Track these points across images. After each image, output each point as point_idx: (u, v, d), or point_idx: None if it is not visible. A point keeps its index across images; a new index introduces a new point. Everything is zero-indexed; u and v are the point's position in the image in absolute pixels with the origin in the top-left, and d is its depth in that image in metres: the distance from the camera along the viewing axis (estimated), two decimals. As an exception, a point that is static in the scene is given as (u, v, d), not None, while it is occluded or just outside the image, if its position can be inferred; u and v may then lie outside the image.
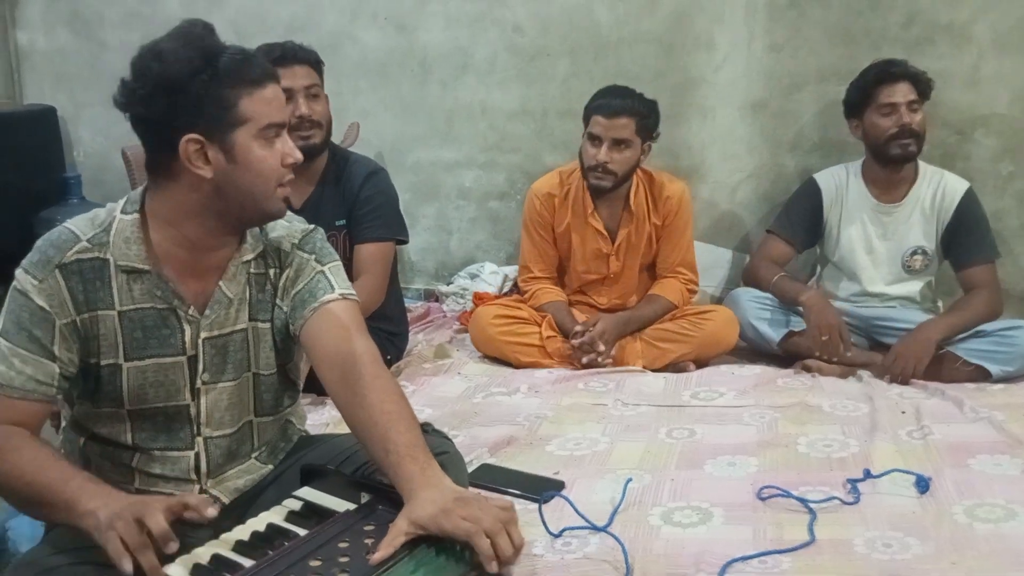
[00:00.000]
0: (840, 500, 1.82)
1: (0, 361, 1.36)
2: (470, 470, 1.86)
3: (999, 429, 2.17)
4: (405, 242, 2.76)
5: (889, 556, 1.62)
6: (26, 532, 1.79)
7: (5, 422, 1.35)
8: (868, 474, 1.92)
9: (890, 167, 2.78)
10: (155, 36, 1.37)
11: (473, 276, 3.50)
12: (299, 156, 1.43)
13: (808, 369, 2.66)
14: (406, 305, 3.17)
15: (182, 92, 1.31)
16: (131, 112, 1.36)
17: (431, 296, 3.65)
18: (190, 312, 1.44)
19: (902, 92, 2.71)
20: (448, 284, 3.56)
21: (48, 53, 4.15)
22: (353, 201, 2.60)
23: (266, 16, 3.73)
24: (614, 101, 2.73)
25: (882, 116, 2.74)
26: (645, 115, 2.74)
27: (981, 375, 2.56)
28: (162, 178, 1.39)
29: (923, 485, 1.87)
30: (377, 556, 1.22)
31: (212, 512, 1.25)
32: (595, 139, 2.73)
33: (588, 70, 3.36)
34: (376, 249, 2.59)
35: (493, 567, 1.22)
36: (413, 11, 3.56)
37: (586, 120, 2.79)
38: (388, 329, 2.72)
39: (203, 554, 1.25)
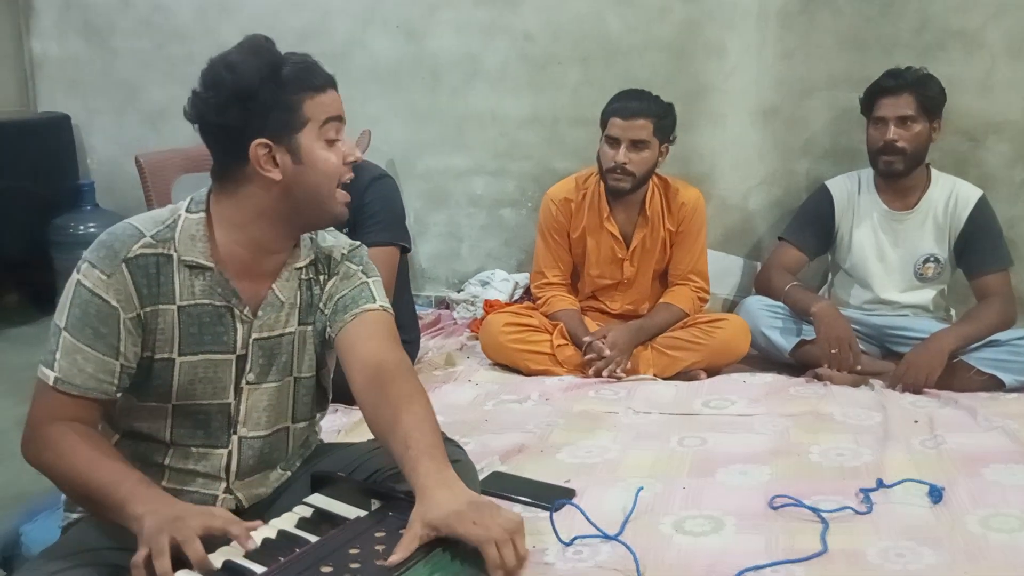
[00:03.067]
0: (853, 510, 1.81)
1: (63, 357, 1.37)
2: (481, 478, 1.86)
3: (1013, 438, 2.15)
4: (408, 249, 2.71)
5: (902, 566, 1.61)
6: (39, 537, 1.80)
7: (63, 419, 1.37)
8: (881, 483, 1.91)
9: (885, 178, 2.77)
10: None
11: (484, 283, 3.50)
12: (359, 155, 1.50)
13: (820, 378, 2.65)
14: (417, 312, 3.17)
15: (252, 99, 1.38)
16: (204, 121, 1.42)
17: (441, 303, 3.66)
18: (245, 312, 1.47)
19: (894, 106, 2.69)
20: (459, 291, 3.56)
21: (61, 61, 4.18)
22: (357, 208, 2.58)
23: (278, 24, 3.74)
24: (632, 103, 2.74)
25: (874, 129, 2.74)
26: (662, 116, 2.76)
27: (994, 384, 2.54)
28: (231, 183, 1.45)
29: (936, 495, 1.85)
30: (394, 558, 1.22)
31: (252, 545, 1.28)
32: (613, 141, 2.74)
33: (599, 77, 3.37)
34: (377, 253, 2.56)
35: (498, 575, 1.23)
36: (424, 19, 3.58)
37: (603, 124, 2.80)
38: (402, 338, 2.71)
39: (215, 560, 1.26)
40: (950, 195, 2.78)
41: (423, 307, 3.61)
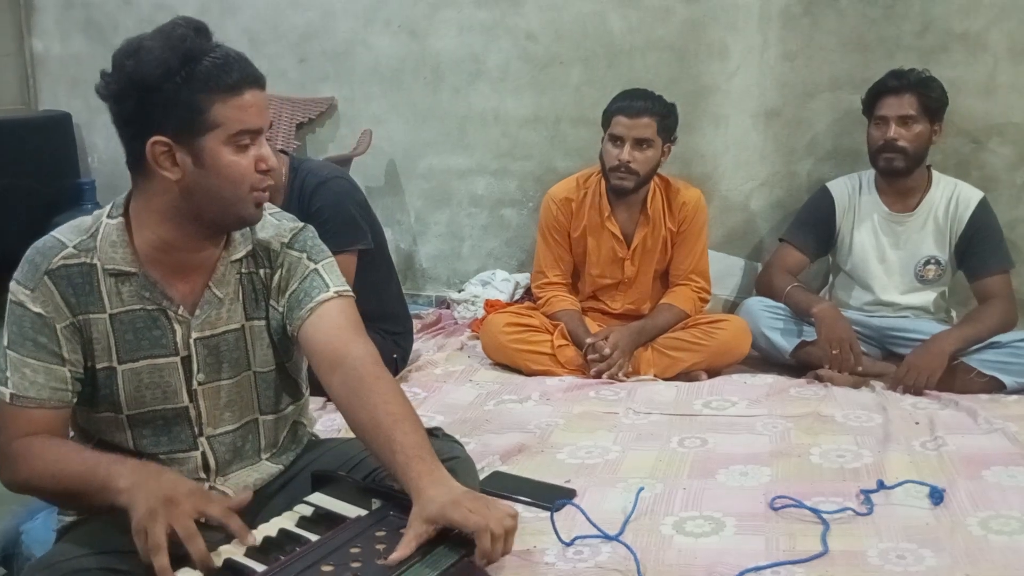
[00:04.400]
0: (853, 511, 1.81)
1: (12, 372, 1.36)
2: (481, 477, 1.86)
3: (1013, 440, 2.15)
4: (367, 248, 2.57)
5: (903, 568, 1.61)
6: (40, 536, 1.80)
7: (27, 435, 1.36)
8: (881, 485, 1.91)
9: (886, 178, 2.77)
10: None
11: (484, 283, 3.50)
12: (274, 163, 1.41)
13: (820, 379, 2.65)
14: (418, 312, 3.16)
15: (153, 92, 1.29)
16: (105, 103, 1.36)
17: (442, 303, 3.65)
18: (180, 312, 1.44)
19: (896, 106, 2.70)
20: (459, 291, 3.56)
21: (63, 59, 4.18)
22: (305, 217, 2.48)
23: (280, 23, 3.75)
24: (636, 102, 2.74)
25: (875, 128, 2.75)
26: (666, 115, 2.76)
27: (995, 386, 2.54)
28: (139, 177, 1.40)
29: (937, 496, 1.85)
30: (394, 556, 1.22)
31: (252, 541, 1.27)
32: (617, 139, 2.74)
33: (601, 78, 3.37)
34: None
35: (483, 563, 1.23)
36: (426, 18, 3.58)
37: (606, 122, 2.79)
38: (392, 329, 2.70)
39: (215, 558, 1.25)
40: (951, 197, 2.78)
41: (423, 307, 3.61)
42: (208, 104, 1.31)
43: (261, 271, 1.51)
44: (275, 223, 1.53)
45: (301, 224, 1.56)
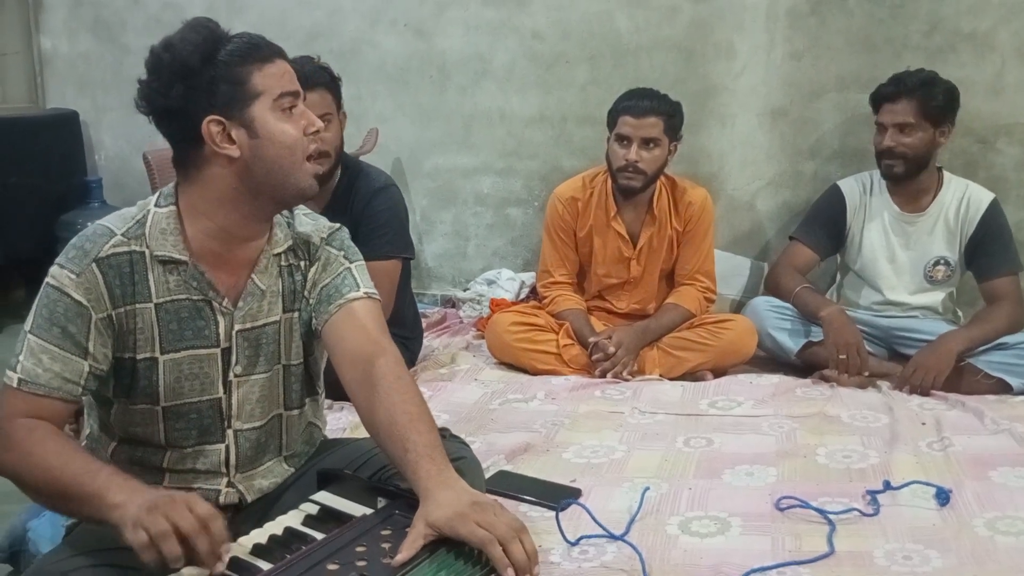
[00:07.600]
0: (859, 511, 1.81)
1: (27, 357, 1.35)
2: (487, 477, 1.86)
3: (1020, 441, 2.15)
4: (411, 259, 2.69)
5: (909, 569, 1.61)
6: (46, 533, 1.81)
7: (27, 417, 1.35)
8: (888, 485, 1.91)
9: (887, 180, 2.77)
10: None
11: (490, 282, 3.50)
12: (320, 124, 1.46)
13: (826, 379, 2.64)
14: (423, 311, 3.16)
15: (196, 76, 1.35)
16: (152, 107, 1.39)
17: (448, 302, 3.66)
18: (224, 304, 1.45)
19: (892, 113, 2.69)
20: (465, 290, 3.56)
21: (71, 58, 4.19)
22: (360, 217, 2.53)
23: (287, 22, 3.75)
24: (642, 102, 2.74)
25: (877, 133, 2.75)
26: (672, 115, 2.76)
27: (1002, 388, 2.53)
28: (192, 170, 1.41)
29: (943, 497, 1.85)
30: (400, 557, 1.22)
31: (220, 567, 1.21)
32: (624, 139, 2.74)
33: (607, 77, 3.37)
34: (380, 267, 2.48)
35: (509, 573, 1.22)
36: (432, 17, 3.58)
37: (612, 122, 2.79)
38: (402, 334, 2.71)
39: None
40: (962, 198, 2.77)
41: (429, 306, 3.61)
42: (247, 75, 1.37)
43: (302, 263, 1.54)
44: (311, 221, 1.57)
45: (337, 225, 1.60)
